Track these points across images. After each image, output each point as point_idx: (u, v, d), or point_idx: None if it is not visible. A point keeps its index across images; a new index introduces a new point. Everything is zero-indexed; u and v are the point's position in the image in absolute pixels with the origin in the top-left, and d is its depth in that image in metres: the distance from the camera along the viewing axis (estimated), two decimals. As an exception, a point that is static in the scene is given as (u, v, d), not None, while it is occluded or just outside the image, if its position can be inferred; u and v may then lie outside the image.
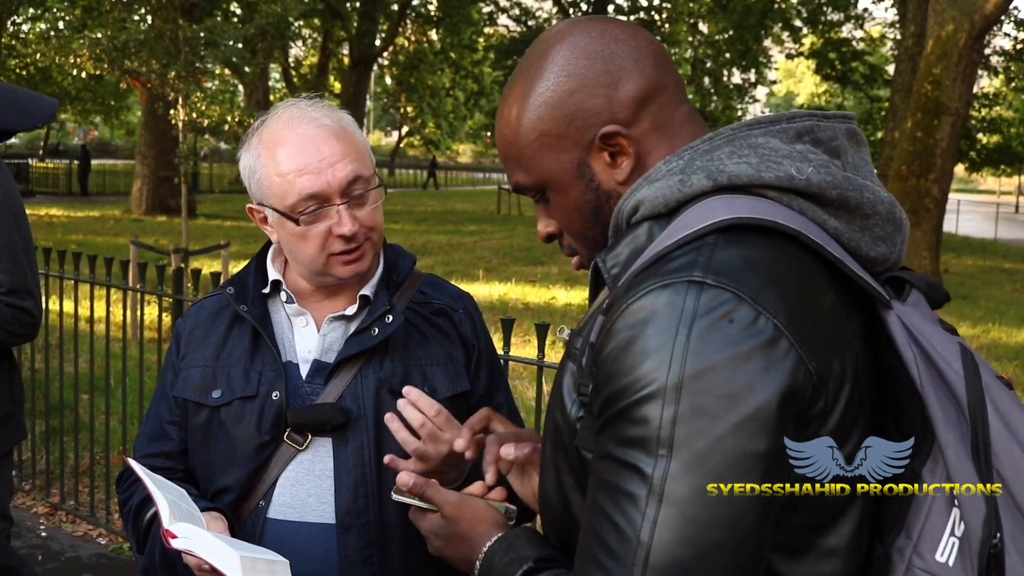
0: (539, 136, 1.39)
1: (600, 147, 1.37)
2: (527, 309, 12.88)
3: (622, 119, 1.36)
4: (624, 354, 1.17)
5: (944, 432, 1.20)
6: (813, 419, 1.17)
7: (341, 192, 1.91)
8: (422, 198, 41.51)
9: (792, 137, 1.32)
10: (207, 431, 2.02)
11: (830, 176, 1.27)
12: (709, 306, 1.14)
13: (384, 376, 2.00)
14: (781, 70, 63.58)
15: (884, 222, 1.32)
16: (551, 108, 1.38)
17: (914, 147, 15.93)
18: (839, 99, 38.83)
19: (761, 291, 1.16)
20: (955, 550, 1.21)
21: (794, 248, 1.23)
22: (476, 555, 1.48)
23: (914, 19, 21.31)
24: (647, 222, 1.32)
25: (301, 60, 46.14)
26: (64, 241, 16.97)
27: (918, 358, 1.23)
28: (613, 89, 1.36)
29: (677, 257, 1.20)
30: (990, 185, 77.99)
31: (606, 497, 1.18)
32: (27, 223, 3.01)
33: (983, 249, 27.60)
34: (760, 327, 1.14)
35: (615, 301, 1.23)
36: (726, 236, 1.21)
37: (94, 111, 44.46)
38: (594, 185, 1.39)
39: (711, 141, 1.33)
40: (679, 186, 1.29)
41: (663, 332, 1.14)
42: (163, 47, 11.27)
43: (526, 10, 42.04)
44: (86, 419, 6.00)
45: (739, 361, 1.12)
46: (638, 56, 1.38)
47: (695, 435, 1.12)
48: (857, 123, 1.39)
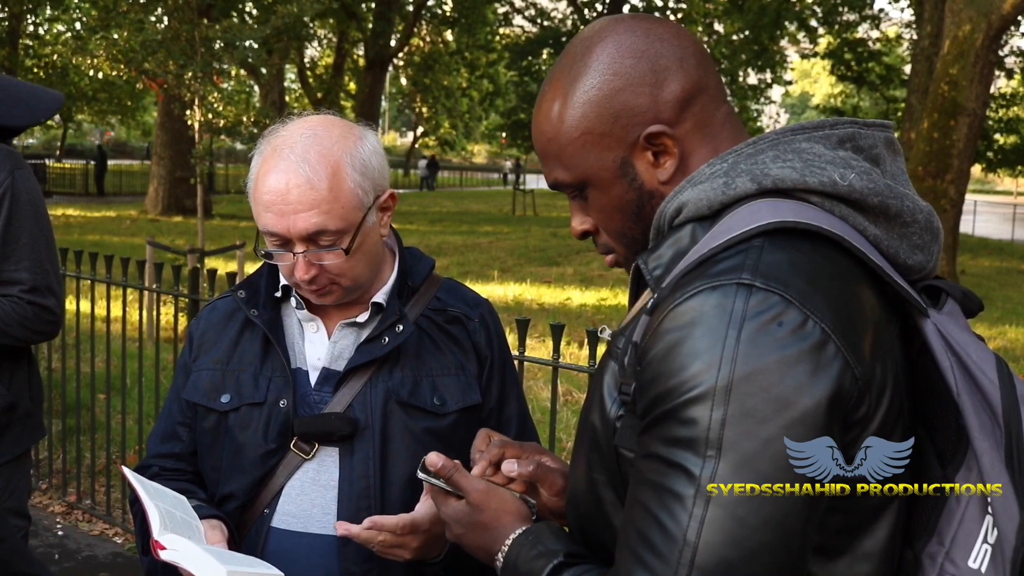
0: (583, 134, 1.38)
1: (644, 146, 1.37)
2: (542, 310, 12.88)
3: (667, 119, 1.36)
4: (672, 355, 1.18)
5: (980, 439, 1.21)
6: (857, 423, 1.19)
7: (301, 239, 1.85)
8: (436, 199, 41.53)
9: (835, 143, 1.33)
10: (215, 435, 2.01)
11: (872, 183, 1.28)
12: (758, 309, 1.15)
13: (393, 386, 1.97)
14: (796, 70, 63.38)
15: (922, 231, 1.33)
16: (596, 106, 1.37)
17: (931, 148, 15.86)
18: (855, 100, 38.62)
19: (808, 295, 1.16)
20: (988, 557, 1.22)
21: (837, 253, 1.24)
22: (499, 546, 1.48)
23: (931, 19, 21.21)
24: (690, 224, 1.32)
25: (316, 60, 46.19)
26: (80, 241, 17.04)
27: (954, 366, 1.24)
28: (658, 88, 1.36)
29: (724, 259, 1.21)
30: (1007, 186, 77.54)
31: (651, 496, 1.18)
32: (49, 222, 3.04)
33: (1000, 250, 27.46)
34: (808, 331, 1.14)
35: (661, 302, 1.24)
36: (772, 239, 1.22)
37: (110, 112, 44.67)
38: (637, 184, 1.39)
39: (755, 145, 1.34)
40: (723, 188, 1.30)
41: (712, 334, 1.15)
42: (180, 48, 11.31)
43: (541, 10, 42.05)
44: (102, 418, 6.02)
45: (788, 364, 1.13)
46: (682, 56, 1.38)
47: (744, 437, 1.13)
48: (893, 131, 1.40)
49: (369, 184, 1.91)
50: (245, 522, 1.97)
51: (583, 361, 4.59)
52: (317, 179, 1.83)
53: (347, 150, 1.89)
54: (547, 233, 24.42)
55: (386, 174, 1.97)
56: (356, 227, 1.89)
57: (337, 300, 1.96)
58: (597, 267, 17.61)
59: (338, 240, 1.87)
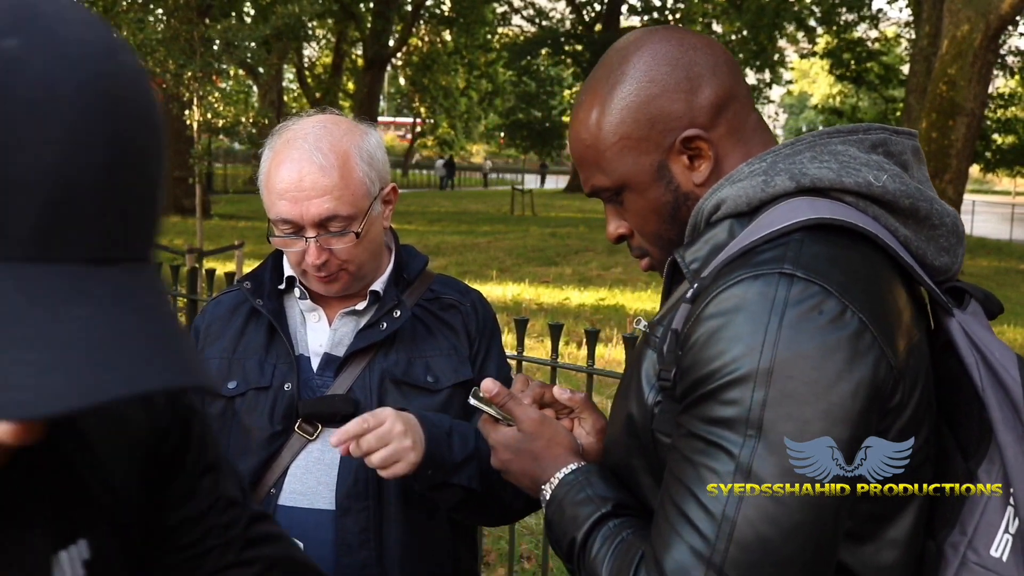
0: (621, 139, 1.44)
1: (680, 150, 1.42)
2: (540, 310, 12.88)
3: (701, 123, 1.42)
4: (715, 339, 1.22)
5: (1003, 434, 1.26)
6: (891, 411, 1.23)
7: (314, 225, 1.95)
8: (436, 198, 41.54)
9: (868, 147, 1.39)
10: (223, 420, 2.08)
11: (904, 186, 1.34)
12: (799, 297, 1.20)
13: (387, 366, 2.06)
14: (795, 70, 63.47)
15: (949, 234, 1.39)
16: (633, 112, 1.42)
17: (929, 148, 15.88)
18: (854, 99, 38.67)
19: (847, 286, 1.21)
20: (1009, 546, 1.27)
21: (871, 251, 1.30)
22: (547, 477, 1.51)
23: (929, 19, 21.23)
24: (728, 220, 1.37)
25: (315, 61, 46.24)
26: (79, 241, 16.99)
27: (979, 362, 1.29)
28: (693, 95, 1.41)
29: (766, 251, 1.26)
30: (1005, 186, 77.62)
31: (691, 473, 1.22)
32: None
33: (999, 250, 27.45)
34: (847, 320, 1.19)
35: (703, 290, 1.28)
36: (811, 234, 1.27)
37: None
38: (673, 187, 1.44)
39: (793, 146, 1.40)
40: (763, 186, 1.35)
41: (755, 319, 1.20)
42: (179, 47, 11.33)
43: (540, 10, 42.11)
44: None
45: (828, 351, 1.18)
46: (715, 64, 1.44)
47: (784, 418, 1.17)
48: (918, 140, 1.46)
49: (375, 175, 2.02)
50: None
51: (581, 361, 4.59)
52: (329, 167, 1.94)
53: (355, 142, 2.01)
54: (546, 233, 24.40)
55: (388, 168, 2.08)
56: (364, 214, 1.98)
57: (343, 288, 2.06)
58: (595, 267, 17.63)
59: (348, 225, 1.97)
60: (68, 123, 0.64)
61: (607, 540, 1.36)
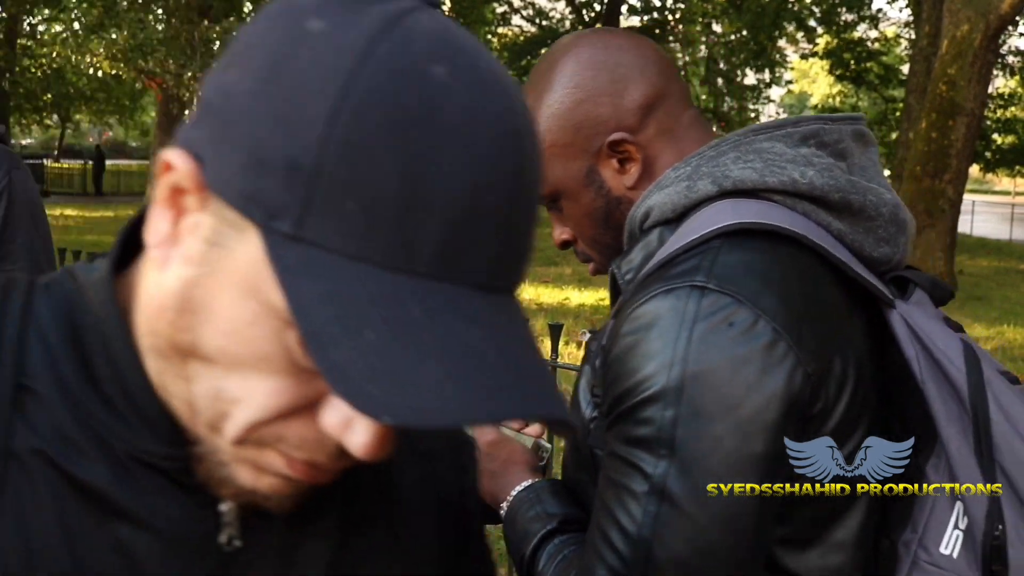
0: (549, 147, 1.42)
1: (608, 154, 1.41)
2: (540, 309, 12.87)
3: (628, 126, 1.40)
4: (629, 356, 1.21)
5: (946, 427, 1.23)
6: (812, 419, 1.20)
7: None
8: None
9: (797, 141, 1.35)
10: None
11: (833, 180, 1.30)
12: (710, 310, 1.17)
13: None
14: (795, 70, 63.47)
15: (887, 223, 1.35)
16: (559, 119, 1.42)
17: (929, 148, 15.87)
18: (853, 99, 38.68)
19: (761, 295, 1.19)
20: (959, 543, 1.24)
21: (796, 251, 1.26)
22: (505, 496, 1.51)
23: (929, 19, 21.23)
24: (658, 227, 1.35)
25: (315, 61, 46.20)
26: (79, 241, 17.03)
27: (919, 355, 1.26)
28: (619, 98, 1.40)
29: (682, 262, 1.24)
30: (1005, 186, 77.55)
31: (611, 495, 1.21)
32: (46, 223, 3.05)
33: (998, 250, 27.45)
34: (759, 330, 1.17)
35: (623, 305, 1.27)
36: (730, 240, 1.24)
37: (109, 111, 44.67)
38: (604, 191, 1.44)
39: (717, 147, 1.37)
40: (686, 192, 1.32)
41: (665, 335, 1.18)
42: (179, 47, 11.34)
43: (540, 10, 42.10)
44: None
45: (738, 364, 1.16)
46: (643, 65, 1.42)
47: (695, 436, 1.15)
48: (866, 123, 1.41)
49: None
50: None
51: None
52: None
53: None
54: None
55: None
56: None
57: None
58: (596, 267, 17.63)
59: None
60: (483, 151, 0.66)
61: (551, 557, 1.35)
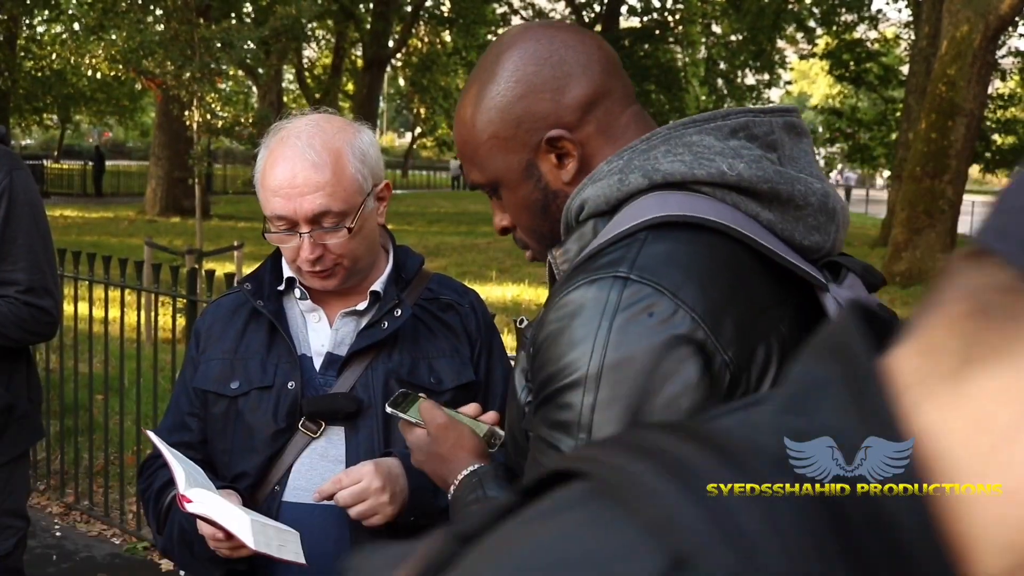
0: (490, 138, 1.47)
1: (547, 149, 1.44)
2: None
3: (567, 123, 1.43)
4: (554, 343, 1.26)
5: None
6: None
7: (307, 220, 1.99)
8: (435, 199, 41.51)
9: (726, 134, 1.38)
10: (225, 420, 2.11)
11: (761, 171, 1.33)
12: (631, 300, 1.22)
13: (392, 367, 2.10)
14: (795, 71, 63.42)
15: (816, 212, 1.38)
16: (501, 112, 1.45)
17: (928, 148, 15.88)
18: (853, 100, 38.62)
19: (682, 285, 1.23)
20: None
21: (721, 241, 1.29)
22: (451, 479, 1.59)
23: (928, 20, 21.25)
24: (592, 219, 1.39)
25: (314, 61, 46.21)
26: (78, 242, 17.03)
27: None
28: (560, 94, 1.43)
29: (608, 253, 1.28)
30: (1005, 186, 77.35)
31: (532, 474, 1.23)
32: (46, 223, 3.05)
33: (998, 251, 27.39)
34: (678, 320, 1.21)
35: (552, 294, 1.32)
36: (656, 232, 1.28)
37: (108, 112, 44.65)
38: (542, 185, 1.47)
39: (648, 141, 1.40)
40: (618, 185, 1.36)
41: (588, 324, 1.22)
42: (178, 48, 11.33)
43: (539, 11, 42.09)
44: (100, 419, 6.02)
45: (655, 352, 1.20)
46: (586, 62, 1.44)
47: (611, 422, 1.19)
48: (798, 115, 1.45)
49: (368, 171, 2.06)
50: (256, 499, 2.08)
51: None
52: (322, 164, 1.99)
53: (347, 140, 2.05)
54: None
55: (382, 166, 2.12)
56: (357, 209, 2.02)
57: (339, 283, 2.09)
58: (595, 268, 17.61)
59: (341, 221, 2.01)
60: None
61: None
